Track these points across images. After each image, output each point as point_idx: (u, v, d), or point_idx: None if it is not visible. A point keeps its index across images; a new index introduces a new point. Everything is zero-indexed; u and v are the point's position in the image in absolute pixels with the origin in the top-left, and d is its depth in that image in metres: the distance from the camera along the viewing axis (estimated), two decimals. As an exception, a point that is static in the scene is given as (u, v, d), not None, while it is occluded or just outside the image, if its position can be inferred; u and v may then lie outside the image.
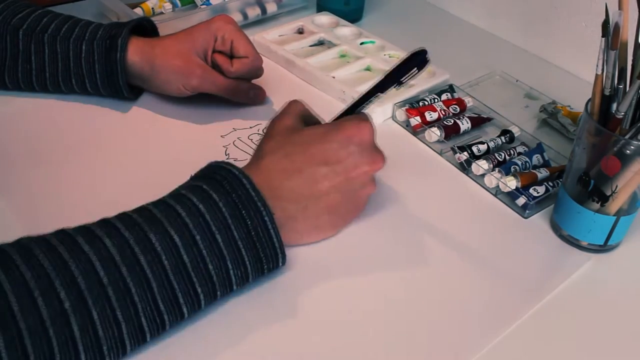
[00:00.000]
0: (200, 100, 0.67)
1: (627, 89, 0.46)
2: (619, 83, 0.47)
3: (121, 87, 0.62)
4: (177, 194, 0.44)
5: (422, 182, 0.60)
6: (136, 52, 0.61)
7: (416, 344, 0.44)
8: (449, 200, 0.58)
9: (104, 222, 0.41)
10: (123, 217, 0.41)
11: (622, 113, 0.47)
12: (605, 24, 0.46)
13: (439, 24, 0.90)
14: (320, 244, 0.51)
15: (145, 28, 0.66)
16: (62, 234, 0.39)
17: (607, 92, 0.48)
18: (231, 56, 0.63)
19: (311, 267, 0.49)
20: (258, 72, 0.66)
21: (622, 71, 0.47)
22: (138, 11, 0.78)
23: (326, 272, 0.49)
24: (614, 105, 0.48)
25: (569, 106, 0.69)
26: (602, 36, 0.46)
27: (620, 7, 0.45)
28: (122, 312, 0.38)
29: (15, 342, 0.35)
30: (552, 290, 0.49)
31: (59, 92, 0.64)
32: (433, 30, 0.88)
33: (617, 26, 0.45)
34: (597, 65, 0.48)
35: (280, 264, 0.46)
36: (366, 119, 0.50)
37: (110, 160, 0.58)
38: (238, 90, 0.64)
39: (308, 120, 0.52)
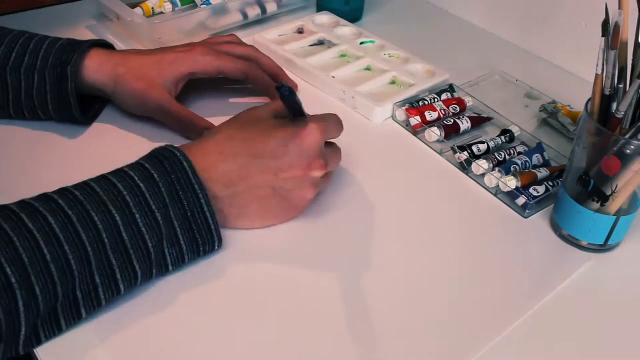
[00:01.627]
0: (200, 101, 0.67)
1: (627, 88, 0.46)
2: (619, 83, 0.47)
3: (74, 116, 0.59)
4: (119, 171, 0.45)
5: (422, 182, 0.60)
6: (96, 71, 0.58)
7: (416, 344, 0.44)
8: (449, 200, 0.58)
9: (47, 199, 0.41)
10: (66, 194, 0.42)
11: (622, 113, 0.47)
12: (605, 23, 0.46)
13: (439, 24, 0.90)
14: (306, 239, 0.51)
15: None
16: (7, 211, 0.40)
17: (607, 92, 0.48)
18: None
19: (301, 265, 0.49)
20: (263, 65, 0.65)
21: (622, 71, 0.47)
22: (138, 11, 0.78)
23: (324, 269, 0.49)
24: (614, 105, 0.48)
25: (569, 106, 0.69)
26: (602, 36, 0.46)
27: (620, 7, 0.45)
28: (62, 287, 0.40)
29: None
30: (552, 290, 0.49)
31: (7, 119, 0.61)
32: (433, 30, 0.88)
33: (617, 26, 0.45)
34: (597, 65, 0.48)
35: (217, 247, 0.48)
36: (321, 121, 0.49)
37: (110, 162, 0.58)
38: (190, 126, 0.60)
39: (285, 116, 0.52)
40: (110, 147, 0.60)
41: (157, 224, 0.43)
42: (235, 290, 0.47)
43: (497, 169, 0.59)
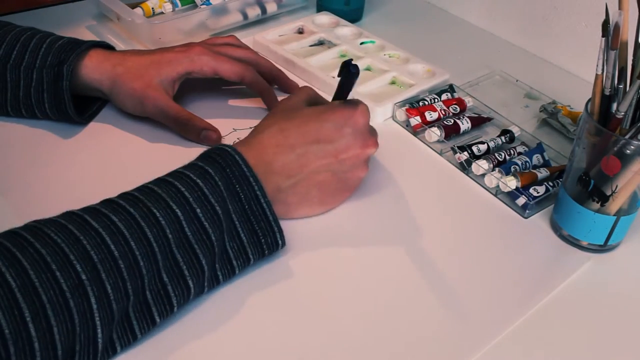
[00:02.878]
0: (200, 102, 0.67)
1: (627, 88, 0.46)
2: (619, 83, 0.47)
3: (70, 115, 0.59)
4: (175, 172, 0.45)
5: (422, 182, 0.60)
6: (94, 70, 0.58)
7: (416, 344, 0.44)
8: (449, 200, 0.58)
9: (108, 201, 0.42)
10: (126, 195, 0.43)
11: (622, 113, 0.47)
12: (605, 23, 0.46)
13: (439, 24, 0.90)
14: (318, 242, 0.51)
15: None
16: (69, 214, 0.40)
17: (607, 92, 0.48)
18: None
19: (310, 264, 0.49)
20: (261, 68, 0.65)
21: (622, 71, 0.47)
22: (138, 11, 0.78)
23: (325, 270, 0.49)
24: (614, 105, 0.48)
25: (569, 106, 0.69)
26: (602, 36, 0.46)
27: (620, 7, 0.45)
28: (131, 283, 0.40)
29: (39, 315, 0.35)
30: (552, 290, 0.49)
31: (5, 116, 0.61)
32: (433, 30, 0.88)
33: (617, 26, 0.45)
34: (597, 65, 0.48)
35: (279, 240, 0.47)
36: (362, 103, 0.52)
37: (111, 162, 0.58)
38: (188, 127, 0.60)
39: (315, 103, 0.54)
40: (107, 147, 0.60)
41: (217, 217, 0.44)
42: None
43: (497, 169, 0.59)
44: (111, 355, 0.40)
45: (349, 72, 0.50)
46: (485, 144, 0.62)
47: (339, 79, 0.52)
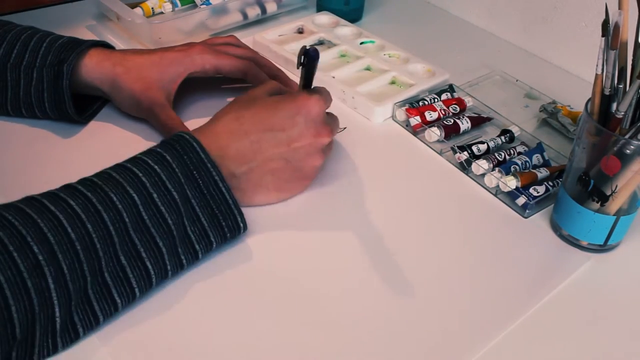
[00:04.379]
0: (200, 101, 0.67)
1: (627, 88, 0.46)
2: (618, 83, 0.47)
3: (69, 114, 0.59)
4: (133, 158, 0.46)
5: (422, 182, 0.60)
6: (94, 69, 0.58)
7: (416, 344, 0.44)
8: (449, 200, 0.58)
9: (67, 187, 0.43)
10: (85, 181, 0.44)
11: (622, 113, 0.47)
12: (605, 23, 0.46)
13: (439, 24, 0.90)
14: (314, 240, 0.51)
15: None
16: (29, 199, 0.41)
17: (607, 92, 0.48)
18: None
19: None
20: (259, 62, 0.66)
21: (622, 71, 0.47)
22: (138, 11, 0.78)
23: (323, 275, 0.49)
24: (614, 105, 0.48)
25: (569, 106, 0.69)
26: (602, 36, 0.46)
27: (620, 7, 0.45)
28: (87, 265, 0.41)
29: None
30: (552, 290, 0.49)
31: (5, 116, 0.61)
32: (433, 30, 0.88)
33: (617, 26, 0.45)
34: (597, 65, 0.48)
35: (240, 223, 0.48)
36: (320, 92, 0.52)
37: (111, 161, 0.58)
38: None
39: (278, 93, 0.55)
40: (107, 146, 0.60)
41: (174, 202, 0.45)
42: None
43: (497, 169, 0.59)
44: (74, 339, 0.41)
45: (310, 57, 0.51)
46: (485, 144, 0.62)
47: (302, 68, 0.53)
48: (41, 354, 0.39)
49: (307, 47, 0.51)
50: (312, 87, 0.55)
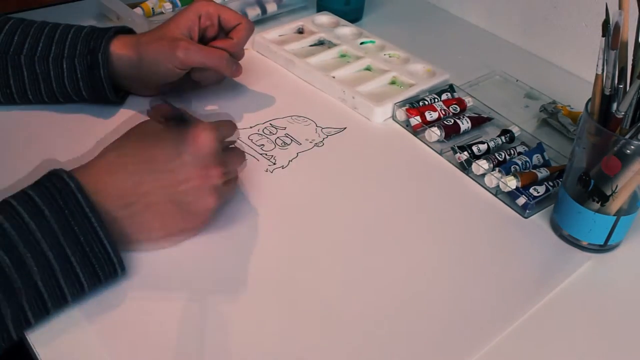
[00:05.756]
0: (200, 101, 0.67)
1: (627, 88, 0.46)
2: (619, 83, 0.47)
3: (109, 98, 0.62)
4: (5, 204, 0.42)
5: (422, 182, 0.60)
6: (121, 47, 0.60)
7: (416, 344, 0.44)
8: (449, 200, 0.58)
9: None
10: None
11: (622, 113, 0.47)
12: (605, 23, 0.46)
13: (439, 24, 0.90)
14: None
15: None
16: None
17: (607, 92, 0.48)
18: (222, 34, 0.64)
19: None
20: (248, 37, 0.65)
21: (622, 71, 0.47)
22: (138, 11, 0.78)
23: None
24: (614, 105, 0.48)
25: (569, 106, 0.69)
26: (602, 36, 0.46)
27: (620, 7, 0.45)
28: None
29: None
30: (552, 290, 0.49)
31: (41, 104, 0.63)
32: (433, 30, 0.88)
33: (617, 26, 0.45)
34: (597, 65, 0.48)
35: (119, 272, 0.45)
36: (212, 127, 0.47)
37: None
38: (224, 58, 0.61)
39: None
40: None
41: (47, 262, 0.41)
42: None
43: (497, 169, 0.59)
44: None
45: (161, 110, 0.48)
46: (485, 144, 0.62)
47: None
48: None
49: (151, 103, 0.48)
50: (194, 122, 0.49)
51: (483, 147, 0.62)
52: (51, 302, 0.42)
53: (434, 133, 0.64)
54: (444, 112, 0.67)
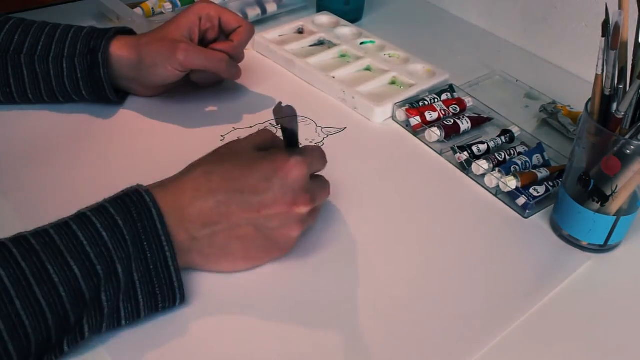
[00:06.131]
0: (201, 101, 0.67)
1: (627, 88, 0.46)
2: (619, 83, 0.47)
3: (109, 98, 0.62)
4: (82, 216, 0.41)
5: (422, 182, 0.60)
6: (121, 47, 0.60)
7: (416, 344, 0.44)
8: (449, 200, 0.58)
9: (0, 246, 0.38)
10: (20, 242, 0.39)
11: (622, 113, 0.47)
12: (605, 23, 0.46)
13: (439, 24, 0.90)
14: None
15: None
16: None
17: (607, 92, 0.48)
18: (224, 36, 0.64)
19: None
20: (248, 40, 0.65)
21: (622, 71, 0.47)
22: (138, 11, 0.78)
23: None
24: (614, 105, 0.48)
25: (569, 106, 0.69)
26: (602, 36, 0.46)
27: (620, 7, 0.45)
28: (14, 345, 0.37)
29: None
30: (552, 290, 0.49)
31: (41, 103, 0.63)
32: (433, 30, 0.88)
33: (617, 26, 0.45)
34: (597, 65, 0.48)
35: (178, 303, 0.44)
36: (304, 154, 0.46)
37: (111, 163, 0.58)
38: (223, 61, 0.61)
39: (270, 148, 0.49)
40: (106, 148, 0.60)
41: (116, 277, 0.40)
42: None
43: (497, 169, 0.59)
44: None
45: (284, 114, 0.45)
46: (485, 144, 0.62)
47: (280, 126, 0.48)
48: None
49: (282, 105, 0.46)
50: (300, 146, 0.48)
51: (483, 147, 0.62)
52: (107, 321, 0.41)
53: (434, 133, 0.64)
54: (444, 112, 0.67)
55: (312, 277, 0.48)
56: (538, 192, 0.56)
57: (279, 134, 0.49)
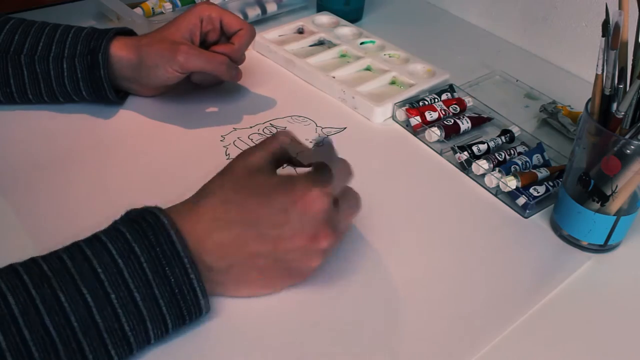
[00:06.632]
0: (201, 101, 0.67)
1: (627, 88, 0.46)
2: (619, 83, 0.47)
3: (109, 98, 0.62)
4: (95, 240, 0.40)
5: (422, 182, 0.60)
6: (122, 48, 0.60)
7: (416, 344, 0.44)
8: (449, 200, 0.58)
9: (10, 271, 0.37)
10: (32, 267, 0.37)
11: (622, 113, 0.47)
12: (605, 23, 0.46)
13: (439, 24, 0.90)
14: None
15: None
16: None
17: (607, 92, 0.48)
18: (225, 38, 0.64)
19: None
20: (249, 43, 0.65)
21: (622, 71, 0.47)
22: (138, 11, 0.78)
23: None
24: (614, 105, 0.48)
25: (569, 106, 0.69)
26: (602, 36, 0.46)
27: (620, 7, 0.45)
28: None
29: None
30: (552, 290, 0.49)
31: (41, 104, 0.63)
32: (433, 30, 0.88)
33: (617, 26, 0.45)
34: (597, 65, 0.48)
35: (204, 313, 0.42)
36: (327, 184, 0.43)
37: (111, 163, 0.58)
38: (224, 63, 0.61)
39: (285, 157, 0.47)
40: (106, 149, 0.60)
41: (134, 304, 0.38)
42: None
43: (497, 169, 0.59)
44: None
45: (320, 144, 0.43)
46: (485, 144, 0.62)
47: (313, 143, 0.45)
48: None
49: (320, 140, 0.44)
50: (327, 169, 0.44)
51: (483, 147, 0.62)
52: (137, 346, 0.40)
53: (434, 133, 0.64)
54: (444, 112, 0.67)
55: (311, 275, 0.48)
56: (538, 192, 0.56)
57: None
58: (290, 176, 0.44)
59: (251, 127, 0.64)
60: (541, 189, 0.57)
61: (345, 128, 0.66)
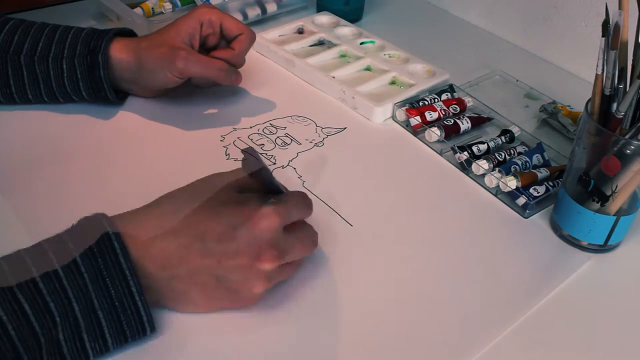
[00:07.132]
0: (201, 101, 0.67)
1: (627, 88, 0.46)
2: (619, 83, 0.47)
3: (109, 98, 0.62)
4: (38, 247, 0.39)
5: (422, 182, 0.60)
6: (121, 50, 0.60)
7: (416, 344, 0.44)
8: (449, 200, 0.58)
9: None
10: None
11: (622, 113, 0.47)
12: (605, 23, 0.46)
13: (439, 24, 0.90)
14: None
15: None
16: None
17: (607, 92, 0.48)
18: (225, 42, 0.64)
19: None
20: (249, 48, 0.65)
21: (622, 71, 0.47)
22: (138, 11, 0.78)
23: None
24: (614, 105, 0.48)
25: (569, 106, 0.69)
26: (602, 36, 0.46)
27: (620, 7, 0.45)
28: None
29: None
30: (552, 290, 0.49)
31: (41, 104, 0.63)
32: (433, 30, 0.88)
33: (617, 26, 0.45)
34: (597, 65, 0.48)
35: (148, 333, 0.41)
36: (278, 204, 0.42)
37: (111, 163, 0.58)
38: (223, 69, 0.61)
39: (253, 188, 0.45)
40: (104, 150, 0.60)
41: (72, 315, 0.38)
42: None
43: (497, 169, 0.59)
44: None
45: (250, 165, 0.42)
46: (485, 144, 0.62)
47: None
48: None
49: (246, 153, 0.42)
50: (284, 190, 0.45)
51: (483, 147, 0.62)
52: (70, 357, 0.39)
53: (434, 133, 0.64)
54: (444, 112, 0.67)
55: (310, 273, 0.48)
56: (538, 192, 0.56)
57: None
58: (246, 195, 0.43)
59: (251, 127, 0.64)
60: (541, 189, 0.57)
61: (345, 128, 0.66)
